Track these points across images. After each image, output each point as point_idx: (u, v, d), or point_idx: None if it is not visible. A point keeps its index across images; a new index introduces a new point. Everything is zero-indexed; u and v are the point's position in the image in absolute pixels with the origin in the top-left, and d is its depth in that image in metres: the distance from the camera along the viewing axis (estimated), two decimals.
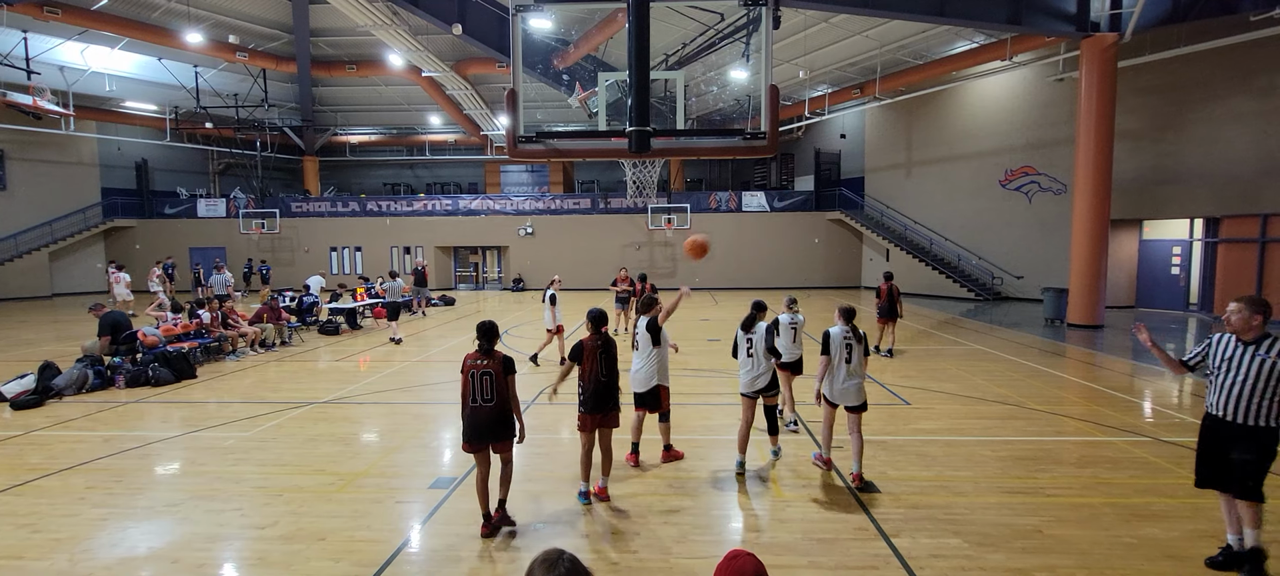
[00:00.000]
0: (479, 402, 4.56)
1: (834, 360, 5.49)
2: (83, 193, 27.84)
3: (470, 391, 4.57)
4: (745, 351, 5.85)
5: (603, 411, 5.12)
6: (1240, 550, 4.07)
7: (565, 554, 1.47)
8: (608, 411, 5.15)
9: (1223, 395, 4.03)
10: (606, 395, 5.11)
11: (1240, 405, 3.95)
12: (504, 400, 4.57)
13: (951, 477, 5.69)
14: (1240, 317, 4.00)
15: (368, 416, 8.00)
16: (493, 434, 4.58)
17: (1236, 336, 4.03)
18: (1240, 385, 3.95)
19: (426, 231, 29.21)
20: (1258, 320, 3.95)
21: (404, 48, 20.60)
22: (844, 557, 4.29)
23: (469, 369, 4.59)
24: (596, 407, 5.10)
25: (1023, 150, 21.03)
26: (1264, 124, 15.77)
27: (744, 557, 1.61)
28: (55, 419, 7.86)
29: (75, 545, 4.52)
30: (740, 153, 5.25)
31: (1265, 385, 3.88)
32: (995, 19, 14.26)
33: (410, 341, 14.21)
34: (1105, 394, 8.79)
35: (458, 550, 4.45)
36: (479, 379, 4.56)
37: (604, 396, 5.10)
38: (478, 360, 4.59)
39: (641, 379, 5.84)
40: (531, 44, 20.50)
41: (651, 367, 5.82)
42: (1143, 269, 19.20)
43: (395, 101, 31.62)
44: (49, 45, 21.52)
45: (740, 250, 27.88)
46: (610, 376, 5.13)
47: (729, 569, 1.60)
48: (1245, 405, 3.93)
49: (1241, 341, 4.01)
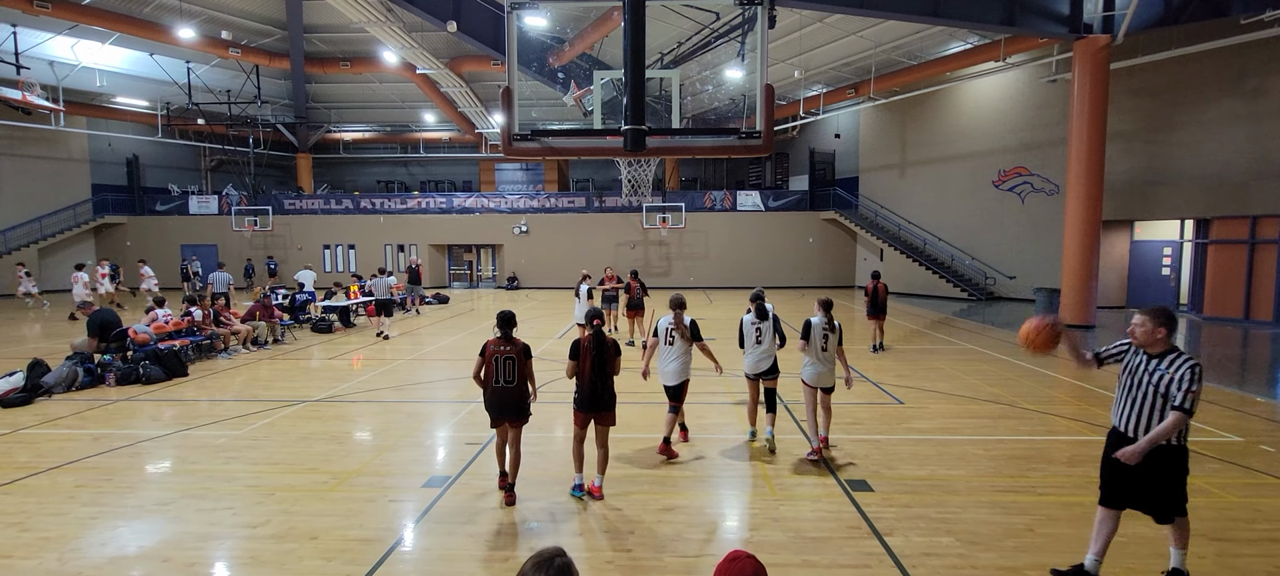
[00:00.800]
0: (501, 384, 4.99)
1: (815, 347, 6.04)
2: (73, 189, 27.61)
3: (494, 373, 4.99)
4: (754, 338, 6.30)
5: (596, 411, 5.19)
6: (1093, 570, 3.92)
7: (558, 554, 1.47)
8: (601, 411, 5.20)
9: (1126, 410, 3.75)
10: (599, 395, 5.16)
11: (1143, 422, 3.65)
12: (523, 382, 5.03)
13: (944, 476, 5.72)
14: (1144, 330, 3.69)
15: (361, 415, 7.97)
16: (513, 412, 5.04)
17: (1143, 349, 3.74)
18: (1143, 401, 3.66)
19: (420, 229, 29.12)
20: (1161, 333, 3.64)
21: (398, 45, 20.52)
22: (837, 556, 4.30)
23: (492, 353, 5.00)
24: (591, 407, 5.18)
25: (1016, 151, 21.14)
26: (1254, 126, 15.91)
27: (744, 559, 1.60)
28: (44, 417, 7.79)
29: (64, 544, 4.48)
30: (735, 152, 5.26)
31: (1166, 403, 3.56)
32: (989, 20, 14.33)
33: (404, 340, 14.16)
34: (1096, 393, 8.85)
35: (451, 549, 4.43)
36: (501, 362, 4.98)
37: (596, 397, 5.15)
38: (501, 346, 5.01)
39: (673, 372, 6.16)
40: (527, 42, 20.45)
41: (683, 363, 6.18)
42: (1134, 269, 19.34)
43: (389, 99, 31.49)
44: (39, 40, 21.33)
45: (735, 249, 27.93)
46: (601, 377, 5.14)
47: (729, 570, 1.59)
48: (1148, 422, 3.63)
49: (1148, 354, 3.71)
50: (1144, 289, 19.02)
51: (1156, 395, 3.59)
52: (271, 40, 26.39)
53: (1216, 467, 5.89)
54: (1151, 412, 3.62)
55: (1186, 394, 3.48)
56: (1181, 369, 3.54)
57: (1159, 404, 3.60)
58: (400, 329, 15.82)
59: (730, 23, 18.91)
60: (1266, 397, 8.60)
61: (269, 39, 26.26)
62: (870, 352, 12.08)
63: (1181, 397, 3.49)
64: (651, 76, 7.22)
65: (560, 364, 11.16)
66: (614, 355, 5.17)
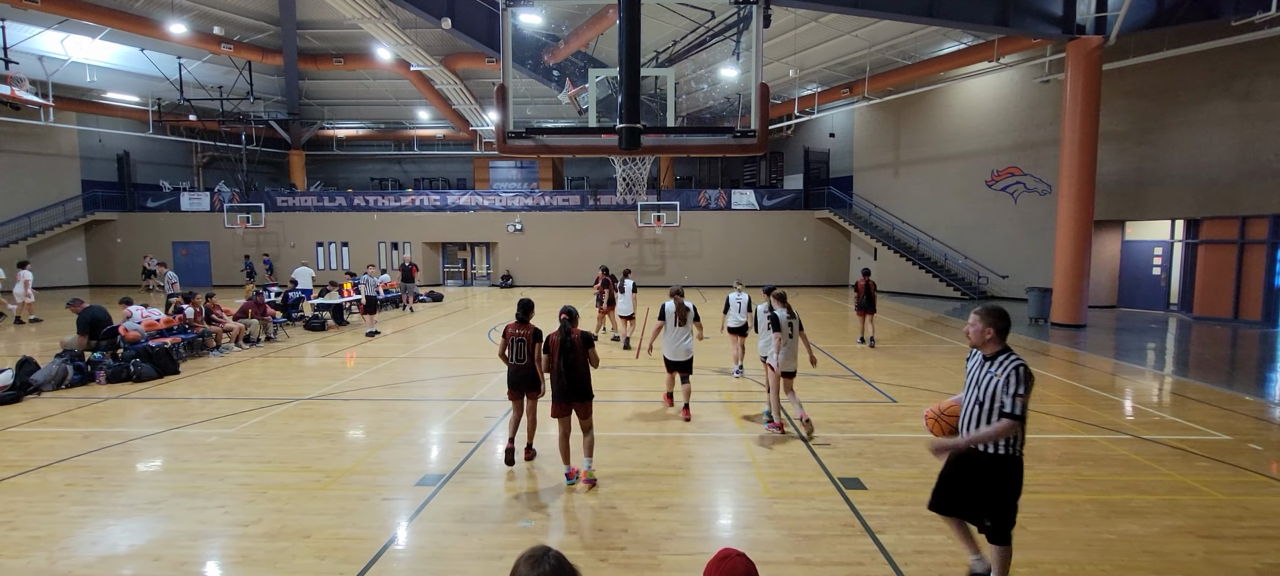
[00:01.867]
0: (515, 362, 5.77)
1: (784, 335, 6.67)
2: (62, 185, 27.35)
3: (511, 353, 5.76)
4: (789, 333, 6.75)
5: (567, 401, 5.42)
6: (978, 569, 3.78)
7: (551, 551, 1.47)
8: (572, 401, 5.42)
9: (965, 414, 3.58)
10: (570, 388, 5.38)
11: (975, 426, 3.48)
12: (533, 361, 5.74)
13: (936, 475, 5.73)
14: (975, 331, 3.53)
15: (354, 413, 7.94)
16: (527, 385, 5.80)
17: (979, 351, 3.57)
18: (977, 404, 3.48)
19: (414, 227, 29.01)
20: (990, 333, 3.46)
21: (392, 41, 20.41)
22: (830, 553, 4.32)
23: (510, 335, 5.77)
24: (565, 397, 5.42)
25: (1009, 151, 21.25)
26: (1244, 127, 16.04)
27: (735, 558, 1.60)
28: (34, 415, 7.73)
29: (54, 543, 4.45)
30: (730, 150, 5.26)
31: (996, 406, 3.37)
32: (983, 20, 14.39)
33: (398, 338, 14.12)
34: (1087, 392, 8.91)
35: (444, 547, 4.43)
36: (516, 344, 5.75)
37: (567, 390, 5.38)
38: (517, 329, 5.76)
39: (681, 349, 7.57)
40: (522, 39, 20.42)
41: (687, 343, 7.60)
42: (1125, 269, 19.47)
43: (383, 96, 31.34)
44: (28, 34, 21.09)
45: (729, 248, 27.96)
46: (568, 371, 5.35)
47: (720, 569, 1.59)
48: (978, 427, 3.46)
49: (983, 356, 3.53)
50: (1134, 289, 19.17)
51: (991, 399, 3.41)
52: (264, 36, 26.20)
53: (1205, 466, 5.95)
54: (984, 416, 3.44)
55: (1014, 398, 3.30)
56: (1007, 370, 3.35)
57: (992, 408, 3.41)
58: (394, 326, 15.77)
59: (725, 21, 18.91)
60: (1255, 396, 8.68)
61: (262, 35, 26.06)
62: (856, 344, 12.70)
63: (1010, 402, 3.31)
64: (646, 74, 7.29)
65: None
66: (585, 347, 5.43)
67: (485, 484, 5.54)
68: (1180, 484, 5.53)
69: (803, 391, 7.66)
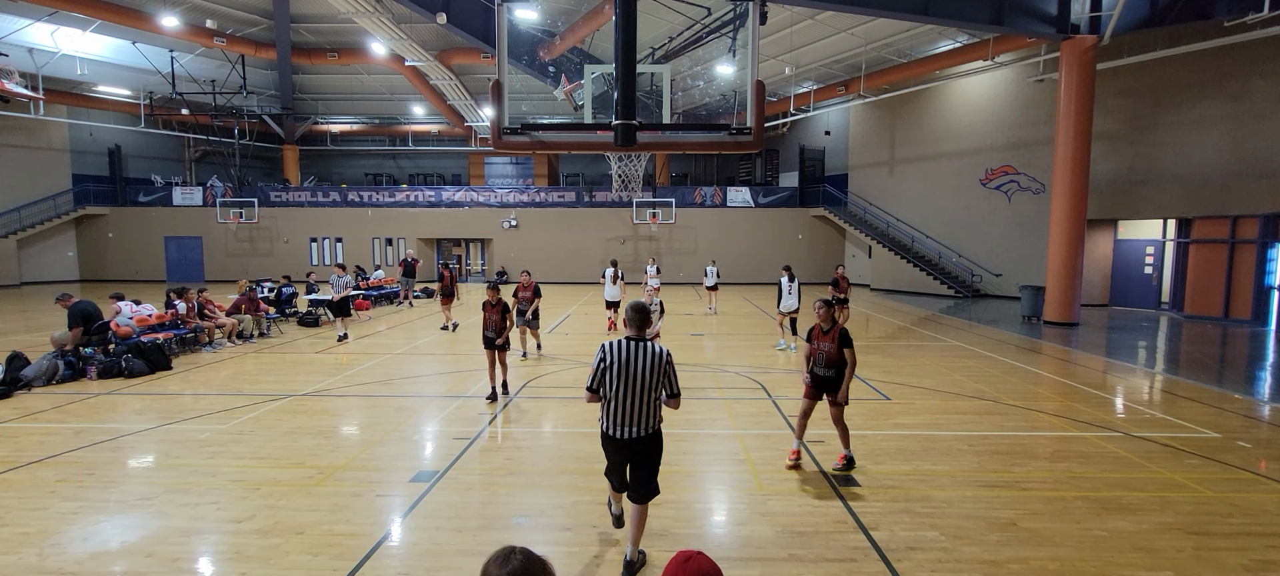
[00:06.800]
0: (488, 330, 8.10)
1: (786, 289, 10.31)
2: (53, 179, 27.12)
3: (486, 321, 8.09)
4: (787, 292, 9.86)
5: (492, 349, 8.13)
6: (633, 557, 4.03)
7: (517, 548, 1.48)
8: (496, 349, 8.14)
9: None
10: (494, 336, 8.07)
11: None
12: (501, 328, 8.05)
13: (929, 471, 5.78)
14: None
15: (348, 409, 7.91)
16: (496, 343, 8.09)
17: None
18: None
19: (409, 223, 28.92)
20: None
21: (387, 36, 20.29)
22: (824, 550, 4.34)
23: (486, 306, 8.16)
24: (489, 345, 8.13)
25: (1003, 150, 21.33)
26: (1236, 127, 16.16)
27: (698, 557, 1.59)
28: (24, 410, 7.67)
29: (45, 539, 4.42)
30: (726, 148, 5.27)
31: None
32: (978, 19, 14.43)
33: (394, 333, 14.07)
34: (1079, 390, 8.97)
35: (438, 544, 4.42)
36: (487, 314, 8.10)
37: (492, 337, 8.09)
38: (489, 303, 8.12)
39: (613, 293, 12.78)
40: (517, 35, 20.29)
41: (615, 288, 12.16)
42: (1117, 268, 19.60)
43: (378, 90, 31.17)
44: (17, 26, 20.88)
45: (724, 245, 28.00)
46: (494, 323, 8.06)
47: (685, 570, 1.54)
48: None
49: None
50: (1127, 287, 19.30)
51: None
52: (257, 30, 26.02)
53: (1195, 463, 6.00)
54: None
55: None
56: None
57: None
58: (393, 321, 15.72)
59: (722, 18, 18.87)
60: (1244, 394, 8.76)
61: (255, 28, 25.88)
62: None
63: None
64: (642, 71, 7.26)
65: (557, 361, 11.19)
66: (505, 313, 8.11)
67: (480, 481, 5.53)
68: (1170, 481, 5.58)
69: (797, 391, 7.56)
